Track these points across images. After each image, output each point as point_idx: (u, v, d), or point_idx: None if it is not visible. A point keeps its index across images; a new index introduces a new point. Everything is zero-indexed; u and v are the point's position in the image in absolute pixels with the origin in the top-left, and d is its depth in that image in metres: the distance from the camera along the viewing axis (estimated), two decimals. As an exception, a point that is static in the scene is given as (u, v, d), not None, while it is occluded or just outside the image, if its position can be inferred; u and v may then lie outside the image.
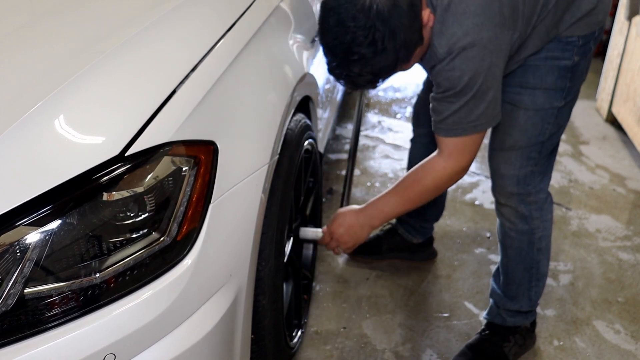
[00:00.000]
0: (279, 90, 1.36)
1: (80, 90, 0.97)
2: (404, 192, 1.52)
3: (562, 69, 1.44)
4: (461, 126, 1.37)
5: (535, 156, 1.54)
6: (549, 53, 1.42)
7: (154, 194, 0.96)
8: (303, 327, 1.74)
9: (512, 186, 1.57)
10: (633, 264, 2.18)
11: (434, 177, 1.46)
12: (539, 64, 1.44)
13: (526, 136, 1.51)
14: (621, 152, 3.05)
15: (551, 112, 1.48)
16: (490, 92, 1.33)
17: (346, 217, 1.60)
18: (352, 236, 1.59)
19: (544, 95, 1.46)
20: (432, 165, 1.47)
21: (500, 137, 1.56)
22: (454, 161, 1.43)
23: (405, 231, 2.11)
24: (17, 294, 0.87)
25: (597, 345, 1.80)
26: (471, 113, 1.34)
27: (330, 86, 2.23)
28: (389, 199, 1.54)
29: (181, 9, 1.23)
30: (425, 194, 1.50)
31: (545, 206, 1.61)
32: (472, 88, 1.31)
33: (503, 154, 1.56)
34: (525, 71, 1.46)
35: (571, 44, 1.42)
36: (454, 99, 1.33)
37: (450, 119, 1.36)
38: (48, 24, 1.17)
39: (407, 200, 1.52)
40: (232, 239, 1.11)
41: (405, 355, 1.74)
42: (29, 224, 0.87)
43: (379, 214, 1.56)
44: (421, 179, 1.48)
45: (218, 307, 1.07)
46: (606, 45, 3.65)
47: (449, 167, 1.44)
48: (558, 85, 1.45)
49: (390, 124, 3.32)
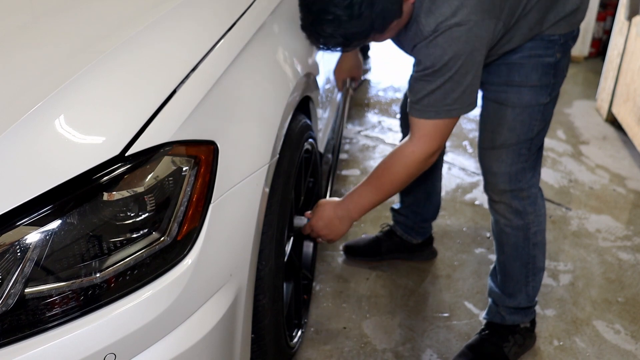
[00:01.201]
0: (279, 90, 1.36)
1: (80, 90, 0.97)
2: (377, 181, 1.51)
3: (546, 65, 1.46)
4: (435, 109, 1.36)
5: (526, 152, 1.55)
6: (532, 51, 1.45)
7: (154, 194, 0.96)
8: (303, 327, 1.74)
9: (504, 183, 1.58)
10: (633, 264, 2.18)
11: (403, 162, 1.46)
12: (524, 62, 1.46)
13: (515, 133, 1.52)
14: (621, 152, 3.05)
15: (538, 109, 1.51)
16: (468, 77, 1.32)
17: (325, 210, 1.59)
18: (332, 229, 1.59)
19: (530, 92, 1.48)
20: (401, 150, 1.47)
21: (489, 136, 1.57)
22: (423, 145, 1.42)
23: (405, 232, 2.11)
24: (17, 294, 0.87)
25: (597, 345, 1.80)
26: (447, 96, 1.34)
27: (330, 86, 2.23)
28: (364, 190, 1.54)
29: (181, 9, 1.23)
30: (397, 181, 1.49)
31: (538, 200, 1.63)
32: (451, 69, 1.30)
33: (494, 152, 1.57)
34: (510, 70, 1.48)
35: (553, 42, 1.45)
36: (432, 77, 1.33)
37: (426, 99, 1.36)
38: (48, 24, 1.17)
39: (380, 189, 1.51)
40: (232, 239, 1.11)
41: (405, 355, 1.74)
42: (29, 224, 0.87)
43: (355, 206, 1.56)
44: (391, 166, 1.48)
45: (218, 306, 1.07)
46: (606, 45, 3.65)
47: (418, 151, 1.43)
48: (543, 82, 1.48)
49: (390, 124, 3.32)
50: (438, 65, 1.30)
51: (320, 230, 1.59)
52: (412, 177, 1.50)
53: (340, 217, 1.58)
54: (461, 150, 3.01)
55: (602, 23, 4.33)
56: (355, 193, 1.56)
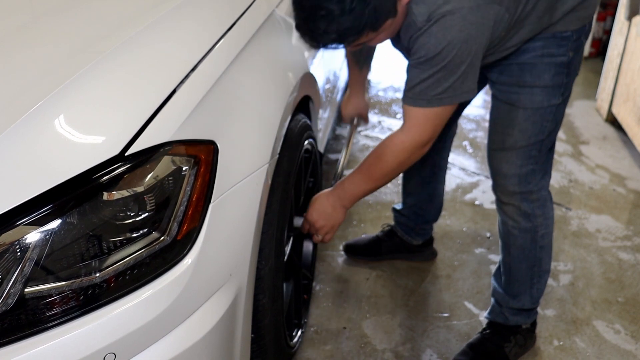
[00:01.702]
0: (279, 90, 1.36)
1: (80, 90, 0.98)
2: (368, 170, 1.51)
3: (559, 65, 1.44)
4: (427, 97, 1.35)
5: (536, 154, 1.54)
6: (545, 50, 1.43)
7: (154, 194, 0.97)
8: (303, 327, 1.74)
9: (514, 185, 1.57)
10: (633, 264, 2.18)
11: (393, 151, 1.45)
12: (536, 61, 1.44)
13: (526, 135, 1.51)
14: (621, 152, 3.05)
15: (550, 110, 1.49)
16: (462, 66, 1.31)
17: (318, 201, 1.59)
18: (327, 219, 1.58)
19: (542, 93, 1.46)
20: (391, 140, 1.46)
21: (499, 138, 1.56)
22: (414, 134, 1.41)
23: (405, 233, 2.11)
24: (17, 294, 0.88)
25: (597, 345, 1.80)
26: (439, 85, 1.33)
27: (330, 86, 2.23)
28: (355, 178, 1.53)
29: (181, 9, 1.23)
30: (388, 170, 1.48)
31: (547, 203, 1.62)
32: (444, 58, 1.29)
33: (504, 154, 1.56)
34: (522, 70, 1.46)
35: (566, 39, 1.42)
36: (425, 66, 1.32)
37: (418, 87, 1.35)
38: (48, 24, 1.17)
39: (371, 178, 1.50)
40: (232, 239, 1.11)
41: (405, 355, 1.74)
42: (29, 224, 0.87)
43: (346, 194, 1.55)
44: (382, 155, 1.47)
45: (218, 306, 1.07)
46: (606, 45, 3.65)
47: (407, 141, 1.42)
48: (555, 82, 1.46)
49: (390, 124, 3.32)
50: (431, 55, 1.29)
51: (316, 222, 1.58)
52: (403, 166, 1.48)
53: (333, 205, 1.57)
54: (461, 150, 3.01)
55: (602, 23, 4.33)
56: (347, 181, 1.55)
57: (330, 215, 1.57)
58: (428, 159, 1.92)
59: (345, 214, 1.60)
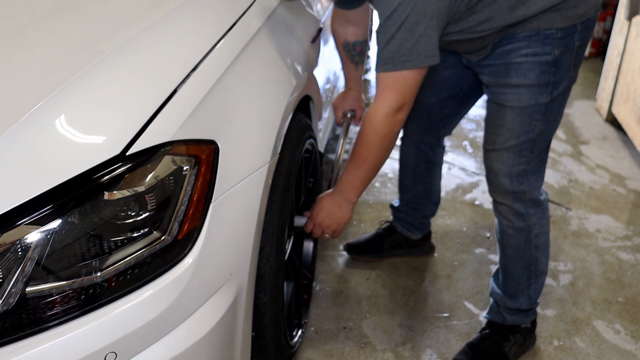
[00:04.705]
0: (279, 89, 1.36)
1: (81, 90, 0.98)
2: (356, 155, 1.50)
3: (544, 64, 1.45)
4: (392, 60, 1.35)
5: (527, 154, 1.55)
6: (529, 49, 1.43)
7: (154, 193, 0.97)
8: (303, 327, 1.74)
9: (506, 184, 1.58)
10: (633, 264, 2.18)
11: (371, 125, 1.44)
12: (521, 60, 1.45)
13: (515, 134, 1.52)
14: (621, 152, 3.05)
15: (538, 109, 1.49)
16: (420, 26, 1.31)
17: (322, 201, 1.60)
18: (333, 217, 1.58)
19: (528, 92, 1.47)
20: (366, 114, 1.45)
21: (491, 138, 1.57)
22: (384, 100, 1.40)
23: (405, 229, 2.12)
24: (18, 293, 0.88)
25: (597, 345, 1.80)
26: (402, 46, 1.33)
27: (330, 86, 2.23)
28: (349, 169, 1.54)
29: (181, 9, 1.23)
30: (373, 148, 1.47)
31: (541, 204, 1.62)
32: (401, 16, 1.29)
33: (496, 154, 1.57)
34: (508, 70, 1.47)
35: (550, 37, 1.42)
36: (386, 27, 1.33)
37: (384, 52, 1.35)
38: (48, 24, 1.17)
39: (362, 162, 1.50)
40: (232, 238, 1.11)
41: (405, 355, 1.74)
42: (30, 223, 0.88)
43: (347, 187, 1.55)
44: (363, 135, 1.47)
45: (219, 305, 1.07)
46: (606, 45, 3.65)
47: (380, 108, 1.41)
48: (541, 81, 1.46)
49: (390, 124, 3.31)
50: (389, 12, 1.30)
51: (323, 222, 1.59)
52: (386, 140, 1.46)
53: (338, 203, 1.57)
54: (461, 150, 3.01)
55: (602, 23, 4.33)
56: (344, 175, 1.56)
57: (337, 213, 1.58)
58: (421, 154, 1.95)
59: (352, 210, 1.60)
